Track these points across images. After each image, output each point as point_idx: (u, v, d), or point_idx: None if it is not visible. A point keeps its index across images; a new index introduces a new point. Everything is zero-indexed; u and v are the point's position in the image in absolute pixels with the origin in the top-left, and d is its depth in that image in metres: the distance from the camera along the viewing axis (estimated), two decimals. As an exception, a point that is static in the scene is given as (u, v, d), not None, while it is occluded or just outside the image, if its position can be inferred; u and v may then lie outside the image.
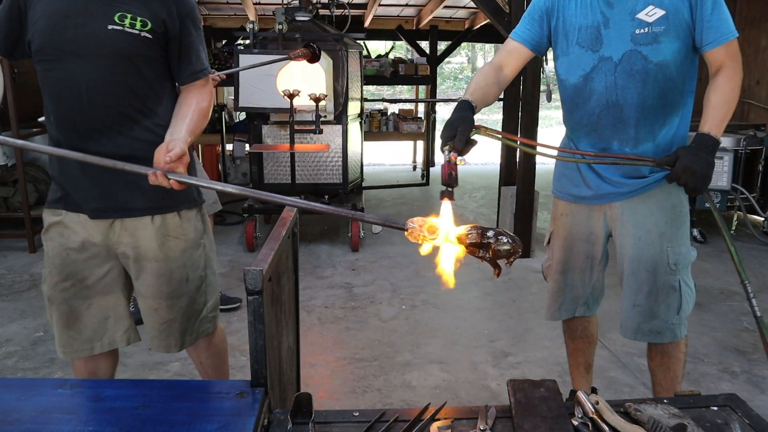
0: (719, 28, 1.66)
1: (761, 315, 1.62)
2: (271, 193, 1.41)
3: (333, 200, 4.79)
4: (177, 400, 1.17)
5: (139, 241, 1.72)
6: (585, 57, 1.78)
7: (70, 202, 1.70)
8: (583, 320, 2.13)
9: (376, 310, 3.50)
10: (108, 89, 1.61)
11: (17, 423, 1.07)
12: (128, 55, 1.61)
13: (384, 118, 7.66)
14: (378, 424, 1.13)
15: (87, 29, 1.57)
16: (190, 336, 1.84)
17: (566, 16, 1.79)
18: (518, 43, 1.88)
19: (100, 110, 1.61)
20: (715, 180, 4.64)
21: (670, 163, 1.65)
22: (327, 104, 4.14)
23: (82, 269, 1.72)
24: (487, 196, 6.72)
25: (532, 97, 4.22)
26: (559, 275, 2.05)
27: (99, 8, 1.57)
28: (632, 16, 1.70)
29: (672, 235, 1.85)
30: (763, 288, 3.90)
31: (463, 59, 22.65)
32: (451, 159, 1.45)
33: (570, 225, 2.00)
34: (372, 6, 6.87)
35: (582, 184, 1.93)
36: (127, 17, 1.59)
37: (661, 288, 1.85)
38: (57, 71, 1.59)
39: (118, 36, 1.58)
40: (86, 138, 1.62)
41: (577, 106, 1.85)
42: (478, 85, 1.76)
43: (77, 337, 1.76)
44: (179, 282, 1.77)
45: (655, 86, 1.73)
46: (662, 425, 1.08)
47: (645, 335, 1.92)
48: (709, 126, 1.65)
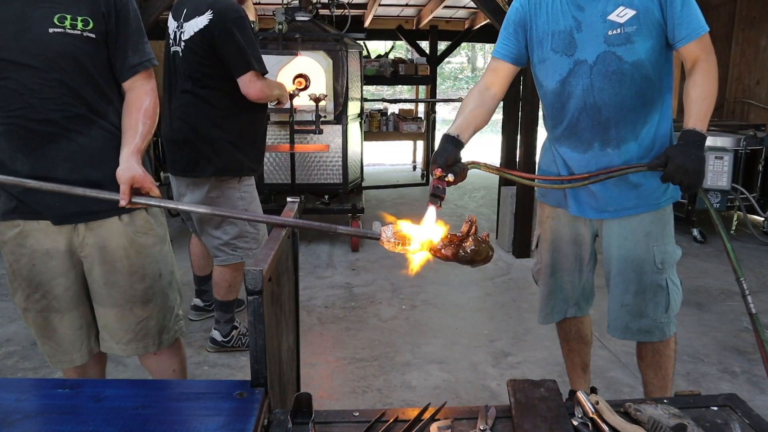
0: (690, 24, 1.68)
1: (756, 312, 1.63)
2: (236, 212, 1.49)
3: (333, 200, 4.79)
4: (177, 400, 1.18)
5: (106, 240, 1.67)
6: (560, 62, 1.79)
7: (26, 210, 1.63)
8: (576, 321, 2.13)
9: (376, 310, 3.50)
10: (60, 93, 1.56)
11: (17, 423, 1.07)
12: (74, 58, 1.55)
13: (384, 118, 7.66)
14: (378, 424, 1.13)
15: (28, 35, 1.51)
16: (167, 334, 1.81)
17: (538, 24, 1.81)
18: (500, 61, 1.90)
19: (55, 114, 1.56)
20: (715, 180, 4.64)
21: (661, 165, 1.65)
22: (327, 104, 4.14)
23: (49, 279, 1.67)
24: (487, 196, 6.72)
25: (532, 97, 4.22)
26: (549, 278, 2.06)
27: (36, 11, 1.51)
28: (603, 18, 1.71)
29: (658, 233, 1.87)
30: (763, 288, 3.90)
31: (463, 59, 22.66)
32: (437, 174, 1.59)
33: (556, 227, 2.01)
34: (372, 6, 6.87)
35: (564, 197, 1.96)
36: (67, 18, 1.53)
37: (649, 287, 1.87)
38: (2, 81, 1.53)
39: (60, 38, 1.53)
40: (44, 143, 1.57)
41: (557, 111, 1.86)
42: (463, 114, 1.79)
43: (57, 348, 1.74)
44: (152, 278, 1.74)
45: (632, 86, 1.74)
46: (662, 425, 1.08)
47: (634, 334, 1.93)
48: (693, 122, 1.66)
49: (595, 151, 1.82)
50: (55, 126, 1.57)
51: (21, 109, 1.54)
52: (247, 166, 2.73)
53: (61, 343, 1.73)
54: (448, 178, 1.59)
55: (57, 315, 1.70)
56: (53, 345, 1.74)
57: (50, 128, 1.57)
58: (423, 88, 8.89)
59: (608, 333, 1.98)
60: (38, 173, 1.56)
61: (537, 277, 2.15)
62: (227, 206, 2.66)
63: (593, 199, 1.87)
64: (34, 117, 1.55)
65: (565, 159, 1.89)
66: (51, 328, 1.71)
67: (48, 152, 1.58)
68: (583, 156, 1.84)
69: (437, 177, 1.60)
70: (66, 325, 1.72)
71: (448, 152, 1.64)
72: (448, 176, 1.59)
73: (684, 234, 4.92)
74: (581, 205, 1.91)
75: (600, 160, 1.81)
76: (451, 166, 1.61)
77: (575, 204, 1.92)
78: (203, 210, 1.70)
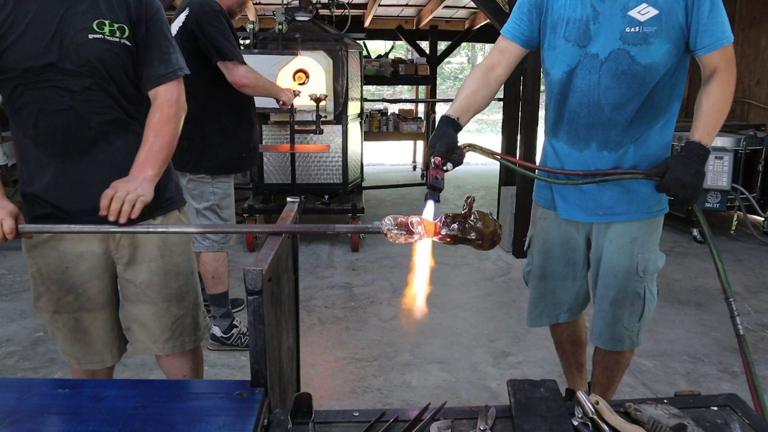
0: (715, 32, 1.60)
1: (744, 315, 1.63)
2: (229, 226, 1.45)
3: (333, 200, 4.79)
4: (177, 400, 1.18)
5: (140, 241, 1.68)
6: (570, 52, 1.70)
7: (60, 216, 1.62)
8: (569, 325, 2.09)
9: (376, 310, 3.49)
10: (100, 97, 1.55)
11: (17, 423, 1.07)
12: (113, 64, 1.54)
13: (384, 118, 7.66)
14: (378, 424, 1.13)
15: (68, 40, 1.49)
16: (200, 331, 1.84)
17: (555, 7, 1.71)
18: (509, 41, 1.80)
19: (95, 117, 1.55)
20: (715, 180, 4.64)
21: (659, 174, 1.60)
22: (327, 104, 4.13)
23: (83, 281, 1.67)
24: (487, 196, 6.72)
25: (532, 97, 4.22)
26: (539, 281, 2.00)
27: (75, 17, 1.49)
28: (624, 12, 1.62)
29: (644, 241, 1.80)
30: (763, 288, 3.90)
31: (463, 59, 22.64)
32: (436, 163, 1.47)
33: (548, 229, 1.95)
34: (372, 6, 6.87)
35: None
36: (106, 24, 1.52)
37: (627, 295, 1.82)
38: (38, 88, 1.51)
39: (99, 45, 1.51)
40: (85, 147, 1.57)
41: (558, 103, 1.79)
42: (464, 95, 1.70)
43: (88, 350, 1.74)
44: (186, 276, 1.76)
45: (641, 89, 1.66)
46: (662, 425, 1.08)
47: (606, 342, 1.90)
48: (699, 134, 1.60)
49: (592, 152, 1.76)
50: (95, 130, 1.57)
51: (62, 112, 1.53)
52: (221, 165, 2.82)
53: (93, 344, 1.74)
54: (447, 167, 1.49)
55: (90, 316, 1.71)
56: (83, 346, 1.74)
57: (91, 132, 1.57)
58: (423, 88, 8.89)
59: (590, 338, 1.96)
60: (74, 179, 1.58)
61: (527, 279, 2.08)
62: (201, 198, 2.84)
63: (583, 201, 1.81)
64: (75, 120, 1.54)
65: (560, 155, 1.83)
66: (83, 329, 1.71)
67: (86, 157, 1.58)
68: (580, 155, 1.78)
69: (435, 166, 1.47)
70: (99, 327, 1.73)
71: (449, 137, 1.53)
72: (447, 165, 1.49)
73: (684, 234, 4.92)
74: (570, 207, 1.84)
75: (596, 161, 1.76)
76: (450, 153, 1.51)
77: (563, 205, 1.85)
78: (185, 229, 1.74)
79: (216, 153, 2.79)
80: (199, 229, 1.90)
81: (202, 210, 2.85)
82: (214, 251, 2.89)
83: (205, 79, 2.72)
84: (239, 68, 2.69)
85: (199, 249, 2.89)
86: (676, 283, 3.94)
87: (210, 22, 2.63)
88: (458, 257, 4.39)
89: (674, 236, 4.97)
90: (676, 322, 3.35)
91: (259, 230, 1.63)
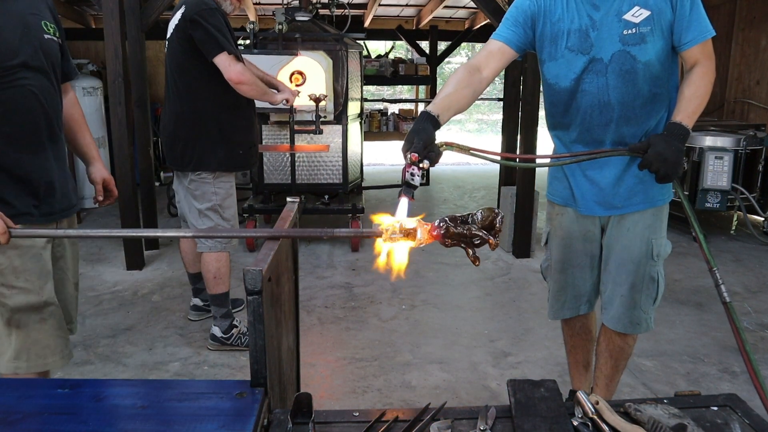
0: (698, 27, 1.70)
1: (731, 300, 1.67)
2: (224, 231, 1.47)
3: (333, 200, 4.79)
4: (177, 400, 1.17)
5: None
6: (575, 60, 1.78)
7: (40, 212, 1.67)
8: (582, 317, 2.15)
9: (376, 310, 3.50)
10: (54, 97, 1.67)
11: (17, 423, 1.07)
12: (57, 62, 1.68)
13: (384, 118, 7.67)
14: (378, 424, 1.13)
15: (33, 40, 1.58)
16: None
17: (552, 21, 1.79)
18: (502, 44, 1.82)
19: (52, 115, 1.67)
20: (715, 180, 4.64)
21: (642, 149, 1.69)
22: (327, 104, 4.14)
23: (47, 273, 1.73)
24: (487, 196, 6.72)
25: (532, 97, 4.23)
26: (559, 274, 2.07)
27: (30, 17, 1.59)
28: (619, 17, 1.72)
29: (656, 227, 1.91)
30: (763, 288, 3.91)
31: (463, 59, 22.63)
32: (412, 159, 1.45)
33: (567, 223, 2.03)
34: (372, 6, 6.87)
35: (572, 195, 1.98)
36: (50, 25, 1.63)
37: (644, 279, 1.92)
38: (12, 85, 1.56)
39: (52, 44, 1.63)
40: (54, 141, 1.68)
41: (569, 109, 1.86)
42: (446, 93, 1.68)
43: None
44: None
45: (644, 84, 1.76)
46: (662, 425, 1.08)
47: (626, 326, 1.97)
48: (681, 116, 1.70)
49: (606, 148, 1.83)
50: (52, 128, 1.68)
51: (39, 108, 1.62)
52: (221, 163, 2.83)
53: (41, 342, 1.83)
54: (424, 164, 1.46)
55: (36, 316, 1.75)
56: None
57: (58, 128, 1.70)
58: (423, 88, 8.90)
59: (605, 324, 2.01)
60: (48, 170, 1.67)
61: (546, 274, 2.16)
62: (203, 199, 2.85)
63: (601, 197, 1.90)
64: (50, 117, 1.64)
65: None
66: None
67: (55, 151, 1.69)
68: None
69: (412, 162, 1.45)
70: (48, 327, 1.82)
71: (427, 133, 1.51)
72: (424, 162, 1.46)
73: (684, 234, 4.92)
74: (588, 203, 1.93)
75: (611, 158, 1.83)
76: (428, 150, 1.49)
77: (583, 202, 1.94)
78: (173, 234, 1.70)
79: (216, 151, 2.79)
80: (198, 233, 1.90)
81: (204, 210, 2.85)
82: (216, 251, 2.89)
83: (202, 78, 2.73)
84: (236, 65, 2.69)
85: (202, 249, 2.90)
86: (676, 283, 3.94)
87: (206, 18, 2.64)
88: (458, 257, 4.39)
89: (674, 236, 4.96)
90: (676, 322, 3.35)
91: (255, 234, 1.63)
